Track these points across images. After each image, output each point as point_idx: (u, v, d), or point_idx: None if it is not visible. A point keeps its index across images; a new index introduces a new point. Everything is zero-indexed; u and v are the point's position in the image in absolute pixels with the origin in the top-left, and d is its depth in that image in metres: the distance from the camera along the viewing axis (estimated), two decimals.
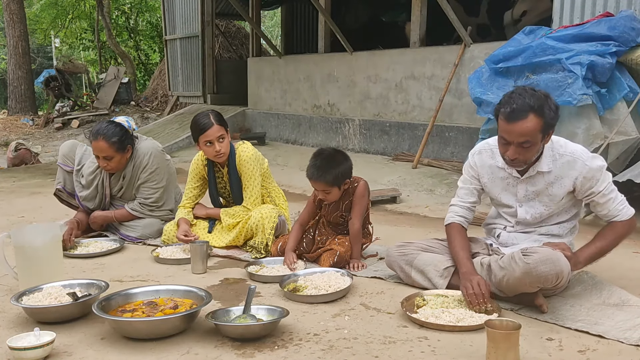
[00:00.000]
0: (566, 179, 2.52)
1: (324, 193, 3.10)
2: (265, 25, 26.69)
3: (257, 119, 10.12)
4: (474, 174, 2.76)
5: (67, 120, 13.92)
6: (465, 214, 2.77)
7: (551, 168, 2.53)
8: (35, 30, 23.32)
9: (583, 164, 2.48)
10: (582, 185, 2.50)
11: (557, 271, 2.29)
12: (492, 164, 2.69)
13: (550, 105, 2.39)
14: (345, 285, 2.69)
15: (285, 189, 5.65)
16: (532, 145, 2.40)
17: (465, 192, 2.79)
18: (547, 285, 2.34)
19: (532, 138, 2.37)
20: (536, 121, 2.35)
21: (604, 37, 4.43)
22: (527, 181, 2.60)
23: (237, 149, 3.52)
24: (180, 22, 12.86)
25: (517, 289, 2.42)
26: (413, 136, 7.22)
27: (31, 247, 2.67)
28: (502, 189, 2.68)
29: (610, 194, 2.51)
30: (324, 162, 3.07)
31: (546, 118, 2.37)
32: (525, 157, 2.43)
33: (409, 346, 2.14)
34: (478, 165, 2.74)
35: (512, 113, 2.37)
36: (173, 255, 3.33)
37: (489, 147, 2.72)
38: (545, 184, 2.56)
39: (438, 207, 4.93)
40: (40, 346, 2.02)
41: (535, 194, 2.59)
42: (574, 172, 2.50)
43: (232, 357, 2.06)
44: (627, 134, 4.33)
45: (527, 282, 2.34)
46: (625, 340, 2.15)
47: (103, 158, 3.59)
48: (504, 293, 2.50)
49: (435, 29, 7.96)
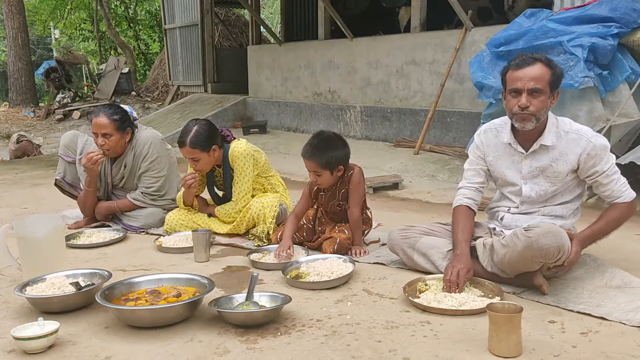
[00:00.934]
0: (571, 155, 2.53)
1: (315, 175, 3.09)
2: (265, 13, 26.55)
3: (258, 107, 10.10)
4: (480, 154, 2.78)
5: (68, 112, 13.91)
6: (473, 196, 2.77)
7: (555, 143, 2.55)
8: (35, 22, 23.24)
9: (588, 141, 2.50)
10: (586, 162, 2.51)
11: (559, 244, 2.29)
12: (498, 141, 2.71)
13: (555, 65, 2.50)
14: (347, 271, 2.70)
15: (287, 176, 5.65)
16: (542, 94, 2.45)
17: (472, 174, 2.80)
18: (548, 260, 2.33)
19: (542, 85, 2.45)
20: (545, 69, 2.46)
21: (606, 19, 4.39)
22: (532, 156, 2.61)
23: (231, 145, 3.51)
24: (180, 11, 12.80)
25: (519, 266, 2.43)
26: (415, 122, 7.19)
27: (34, 238, 2.68)
28: (507, 167, 2.69)
29: (613, 174, 2.53)
30: (321, 143, 3.06)
31: (554, 70, 2.47)
32: (535, 107, 2.46)
33: (412, 331, 2.15)
34: (484, 144, 2.76)
35: (521, 61, 2.49)
36: (176, 244, 3.34)
37: (494, 126, 2.75)
38: (550, 160, 2.57)
39: (440, 193, 4.92)
40: (44, 336, 2.03)
41: (540, 170, 2.60)
42: (578, 148, 2.52)
43: (236, 344, 2.07)
44: (629, 116, 4.31)
45: (529, 255, 2.33)
46: (628, 322, 2.15)
47: (102, 135, 3.55)
48: (505, 273, 2.51)
49: (435, 13, 7.92)
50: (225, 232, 3.51)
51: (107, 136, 3.56)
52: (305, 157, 3.09)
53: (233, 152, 3.48)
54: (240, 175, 3.48)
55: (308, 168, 3.12)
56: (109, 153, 3.65)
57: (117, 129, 3.57)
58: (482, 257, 2.59)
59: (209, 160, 3.42)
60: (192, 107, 11.05)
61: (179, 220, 3.60)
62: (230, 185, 3.55)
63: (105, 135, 3.56)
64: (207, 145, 3.35)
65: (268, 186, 3.66)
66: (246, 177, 3.47)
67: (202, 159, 3.38)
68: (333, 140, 3.11)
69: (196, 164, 3.40)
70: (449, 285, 2.42)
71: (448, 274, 2.45)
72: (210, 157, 3.40)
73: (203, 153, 3.36)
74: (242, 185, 3.48)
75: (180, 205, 3.65)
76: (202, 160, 3.38)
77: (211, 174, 3.63)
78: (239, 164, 3.46)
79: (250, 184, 3.50)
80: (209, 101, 10.96)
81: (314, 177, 3.13)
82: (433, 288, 2.50)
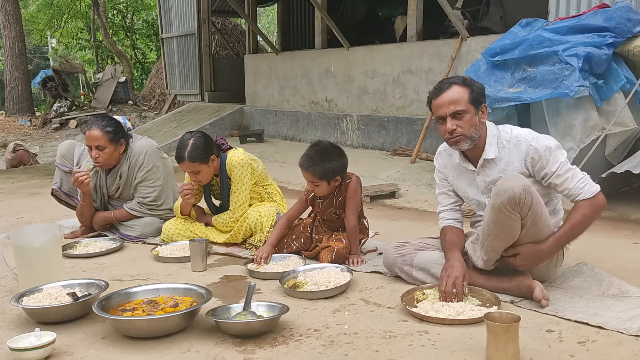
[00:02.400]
0: (516, 162, 2.53)
1: (312, 184, 3.12)
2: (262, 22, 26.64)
3: (254, 116, 10.11)
4: (442, 176, 2.84)
5: (64, 121, 13.91)
6: (452, 216, 2.81)
7: (498, 154, 2.55)
8: (32, 31, 23.30)
9: (528, 145, 2.48)
10: (533, 166, 2.49)
11: (523, 183, 2.29)
12: (452, 162, 2.75)
13: (472, 81, 2.54)
14: (345, 280, 2.69)
15: (284, 185, 5.65)
16: (465, 114, 2.47)
17: (443, 197, 2.85)
18: (519, 205, 2.28)
19: (463, 106, 2.47)
20: (461, 89, 2.49)
21: (601, 29, 4.43)
22: (481, 172, 2.62)
23: (229, 154, 3.51)
24: (177, 20, 12.83)
25: (499, 229, 2.37)
26: (411, 131, 7.21)
27: (30, 248, 2.67)
28: (467, 184, 2.72)
29: (565, 173, 2.45)
30: (318, 154, 3.07)
31: (471, 87, 2.50)
32: (462, 128, 2.48)
33: (409, 340, 2.15)
34: (442, 166, 2.81)
35: (438, 88, 2.55)
36: (173, 254, 3.33)
37: (446, 147, 2.76)
38: (498, 172, 2.56)
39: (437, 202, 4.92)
40: (41, 346, 2.02)
41: (493, 184, 2.55)
42: (520, 154, 2.51)
43: (233, 354, 2.07)
44: (624, 125, 4.33)
45: (499, 203, 2.29)
46: (625, 331, 2.15)
47: (95, 148, 3.55)
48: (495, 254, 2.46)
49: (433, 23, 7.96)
50: (222, 241, 3.50)
51: (101, 148, 3.56)
52: (302, 168, 3.10)
53: (230, 161, 3.48)
54: (238, 185, 3.48)
55: (305, 178, 3.13)
56: (103, 165, 3.64)
57: (110, 140, 3.57)
58: (473, 254, 2.59)
59: (208, 171, 3.42)
60: (189, 116, 11.06)
61: (176, 229, 3.59)
62: (228, 194, 3.55)
63: (99, 147, 3.55)
64: (205, 156, 3.35)
65: (265, 195, 3.66)
66: (243, 186, 3.48)
67: (203, 171, 3.38)
68: (330, 150, 3.12)
69: (196, 176, 3.40)
70: (445, 297, 2.42)
71: (443, 285, 2.44)
72: (210, 168, 3.41)
73: (203, 165, 3.36)
74: (240, 194, 3.48)
75: (178, 215, 3.64)
76: (202, 172, 3.39)
77: (208, 183, 3.63)
78: (236, 173, 3.46)
79: (247, 193, 3.50)
80: (206, 110, 10.98)
81: (311, 187, 3.15)
82: (430, 297, 2.49)
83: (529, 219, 2.35)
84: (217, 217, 3.55)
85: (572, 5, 5.38)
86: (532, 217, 2.35)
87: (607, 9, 4.59)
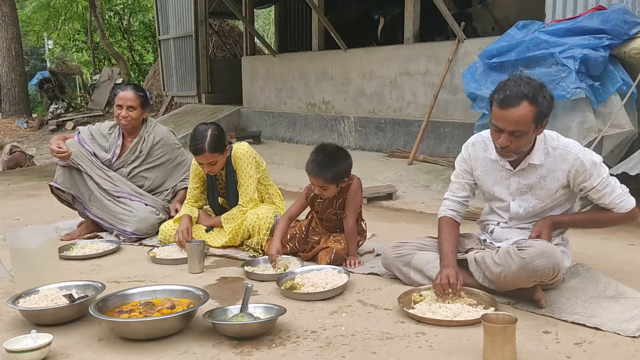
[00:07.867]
0: (559, 172, 2.51)
1: (321, 189, 3.10)
2: (259, 24, 26.65)
3: (252, 117, 10.11)
4: (466, 167, 2.76)
5: (61, 122, 13.90)
6: (456, 208, 2.77)
7: (543, 161, 2.52)
8: (28, 32, 23.26)
9: (575, 157, 2.48)
10: (575, 177, 2.49)
11: (554, 264, 2.29)
12: (485, 156, 2.68)
13: (544, 94, 2.38)
14: (342, 282, 2.69)
15: (282, 187, 5.64)
16: (524, 135, 2.39)
17: (457, 187, 2.80)
18: (544, 280, 2.34)
19: (525, 127, 2.36)
20: (529, 109, 2.34)
21: (597, 31, 4.43)
22: (520, 174, 2.59)
23: (234, 147, 3.52)
24: (174, 22, 12.83)
25: (515, 284, 2.42)
26: (408, 132, 7.22)
27: (27, 250, 2.67)
28: (495, 182, 2.67)
29: (604, 189, 2.49)
30: (326, 159, 3.04)
31: (540, 106, 2.35)
32: (516, 145, 2.42)
33: (407, 342, 2.15)
34: (472, 158, 2.73)
35: (505, 99, 2.36)
36: (170, 256, 3.33)
37: (482, 139, 2.71)
38: (538, 178, 2.55)
39: (434, 203, 4.93)
40: (37, 348, 2.01)
41: (528, 188, 2.58)
42: (566, 165, 2.49)
43: (230, 356, 2.07)
44: (621, 126, 4.34)
45: (524, 276, 2.34)
46: (622, 332, 2.16)
47: (127, 108, 3.78)
48: (501, 289, 2.50)
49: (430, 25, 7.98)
50: (220, 245, 3.49)
51: (132, 109, 3.80)
52: (311, 175, 3.06)
53: (236, 154, 3.49)
54: (245, 177, 3.48)
55: (314, 184, 3.09)
56: (127, 125, 3.85)
57: (141, 104, 3.84)
58: (475, 273, 2.58)
59: (223, 161, 3.46)
60: (186, 117, 11.05)
61: (173, 230, 3.58)
62: (234, 189, 3.54)
63: (130, 107, 3.79)
64: (224, 146, 3.41)
65: (266, 195, 3.66)
66: (250, 177, 3.48)
67: (219, 161, 3.43)
68: (336, 153, 3.10)
69: (213, 167, 3.42)
70: (441, 290, 2.42)
71: (437, 279, 2.47)
72: (224, 158, 3.45)
73: (221, 155, 3.40)
74: (248, 186, 3.48)
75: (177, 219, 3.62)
76: (218, 162, 3.42)
77: (212, 184, 3.62)
78: (241, 164, 3.47)
79: (255, 185, 3.50)
80: (203, 112, 10.97)
81: (319, 191, 3.11)
82: (428, 299, 2.49)
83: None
84: (226, 214, 3.54)
85: (568, 7, 5.39)
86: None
87: (604, 11, 4.60)
